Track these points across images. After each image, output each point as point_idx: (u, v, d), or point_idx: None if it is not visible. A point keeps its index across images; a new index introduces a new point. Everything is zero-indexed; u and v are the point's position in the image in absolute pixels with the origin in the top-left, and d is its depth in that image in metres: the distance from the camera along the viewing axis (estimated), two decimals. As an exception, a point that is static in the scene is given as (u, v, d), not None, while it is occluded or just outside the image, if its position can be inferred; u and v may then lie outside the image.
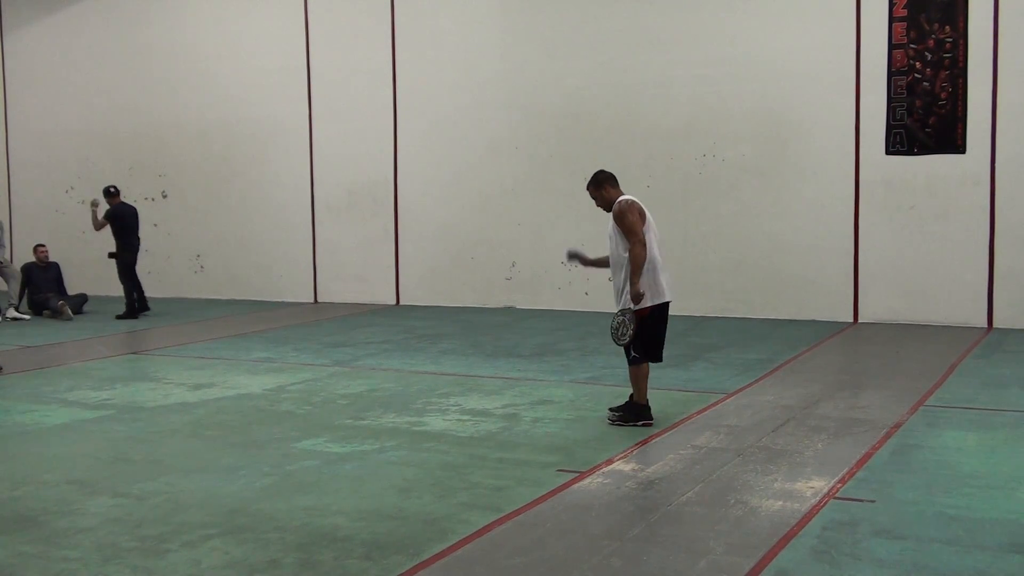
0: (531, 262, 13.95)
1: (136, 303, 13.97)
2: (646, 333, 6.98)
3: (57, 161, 17.41)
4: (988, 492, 5.42)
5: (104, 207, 14.01)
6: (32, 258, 14.75)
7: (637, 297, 6.84)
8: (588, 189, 7.23)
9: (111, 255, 14.09)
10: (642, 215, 6.95)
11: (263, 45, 15.49)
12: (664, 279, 7.05)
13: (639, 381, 7.06)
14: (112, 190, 14.13)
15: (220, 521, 5.12)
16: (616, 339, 7.01)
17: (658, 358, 7.20)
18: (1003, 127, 11.36)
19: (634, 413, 7.06)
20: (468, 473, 5.96)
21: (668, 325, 7.20)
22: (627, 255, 6.88)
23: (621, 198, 7.01)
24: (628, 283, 6.88)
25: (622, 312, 6.96)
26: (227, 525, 5.06)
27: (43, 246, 14.80)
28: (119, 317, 13.71)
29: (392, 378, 9.06)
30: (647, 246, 6.90)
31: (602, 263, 7.43)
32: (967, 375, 8.78)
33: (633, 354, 7.01)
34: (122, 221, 13.96)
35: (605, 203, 7.13)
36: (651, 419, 7.05)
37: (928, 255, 11.79)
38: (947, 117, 11.56)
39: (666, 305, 7.11)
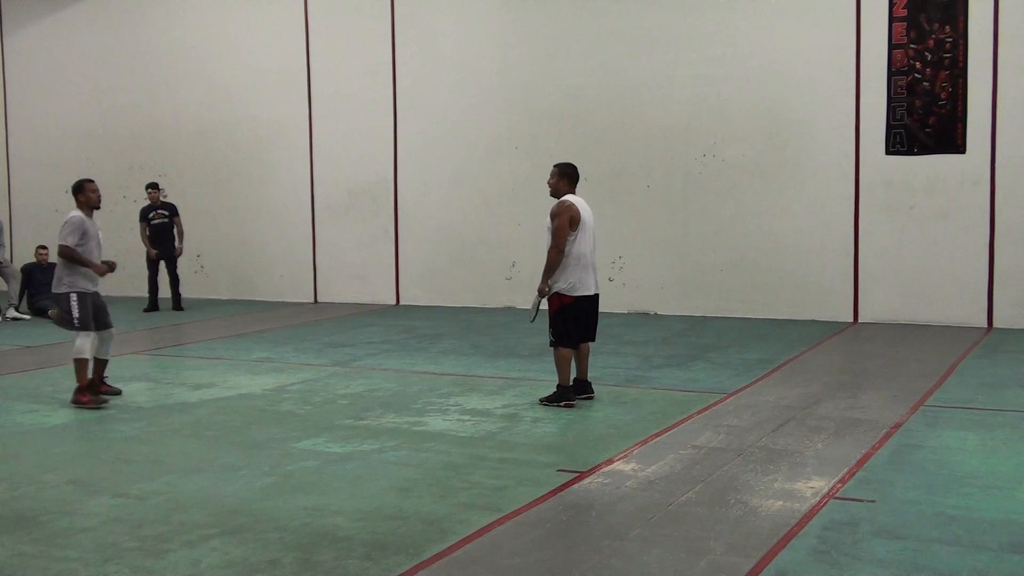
0: (531, 262, 13.94)
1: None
2: (567, 321, 7.61)
3: (57, 161, 17.41)
4: (988, 492, 5.42)
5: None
6: (33, 258, 14.75)
7: (542, 292, 7.61)
8: (552, 169, 7.79)
9: (160, 256, 14.87)
10: (574, 220, 7.52)
11: (263, 45, 15.49)
12: (591, 275, 7.70)
13: (560, 364, 7.66)
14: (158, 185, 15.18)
15: (220, 521, 5.12)
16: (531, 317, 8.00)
17: (588, 339, 7.82)
18: (1003, 127, 11.36)
19: (558, 395, 7.69)
20: (468, 473, 5.96)
21: (665, 325, 7.39)
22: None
23: (564, 198, 7.63)
24: (544, 278, 7.58)
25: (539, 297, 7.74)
26: (227, 525, 5.06)
27: (44, 248, 14.81)
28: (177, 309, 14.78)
29: (392, 378, 9.06)
30: (568, 246, 7.49)
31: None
32: (967, 375, 8.78)
33: (551, 339, 7.68)
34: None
35: (555, 192, 7.76)
36: (573, 401, 7.69)
37: (928, 255, 11.79)
38: (947, 117, 11.56)
39: (593, 298, 7.74)
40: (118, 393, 8.48)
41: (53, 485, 5.85)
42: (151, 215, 14.78)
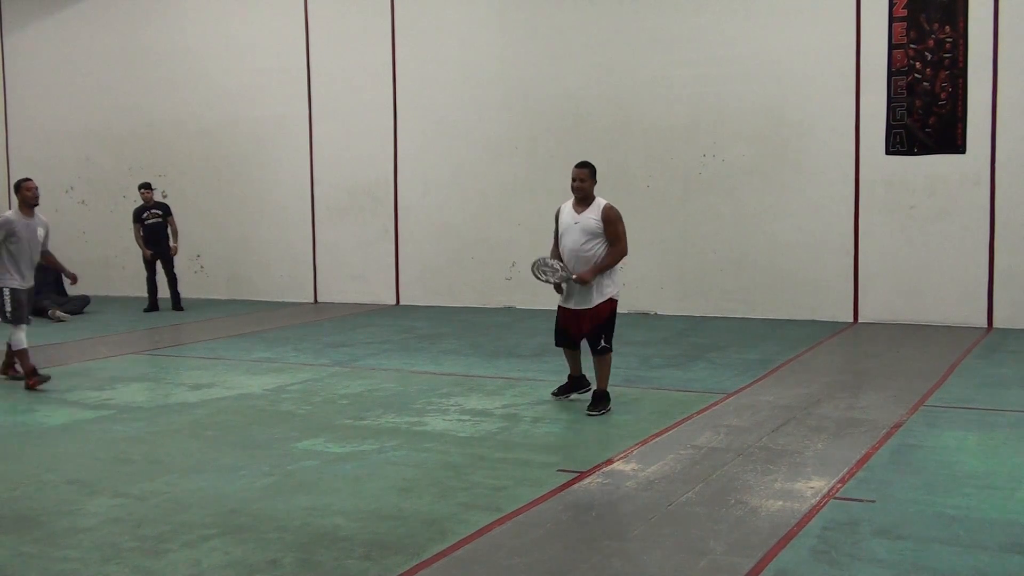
0: (531, 262, 13.92)
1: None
2: (614, 323, 7.60)
3: (57, 161, 17.41)
4: (988, 492, 5.42)
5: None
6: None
7: (583, 280, 7.42)
8: (582, 170, 7.60)
9: (155, 256, 14.91)
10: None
11: (263, 45, 15.48)
12: None
13: (609, 369, 7.62)
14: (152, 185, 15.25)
15: (220, 521, 5.12)
16: (542, 271, 7.73)
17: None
18: (1003, 127, 11.36)
19: (606, 400, 7.58)
20: (468, 473, 5.96)
21: (665, 325, 7.39)
22: (601, 252, 7.48)
23: (608, 202, 7.61)
24: (600, 270, 7.44)
25: (563, 275, 7.55)
26: (227, 525, 5.06)
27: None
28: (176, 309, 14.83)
29: (392, 378, 9.06)
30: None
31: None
32: (967, 375, 8.78)
33: (604, 345, 7.51)
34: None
35: (587, 194, 7.60)
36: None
37: (928, 255, 11.79)
38: (947, 117, 11.56)
39: None
40: (23, 379, 8.89)
41: (53, 485, 5.85)
42: (145, 215, 14.76)
